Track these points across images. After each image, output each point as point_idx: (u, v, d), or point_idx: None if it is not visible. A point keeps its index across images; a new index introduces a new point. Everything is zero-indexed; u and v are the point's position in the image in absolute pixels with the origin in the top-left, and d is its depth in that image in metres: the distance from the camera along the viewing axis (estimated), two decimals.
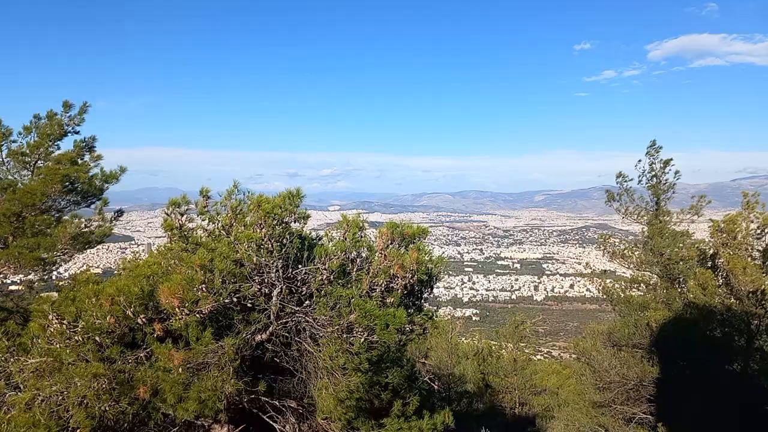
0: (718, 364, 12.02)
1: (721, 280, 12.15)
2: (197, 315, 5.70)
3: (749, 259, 12.00)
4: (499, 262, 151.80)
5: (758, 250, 12.54)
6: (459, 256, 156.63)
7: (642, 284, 15.11)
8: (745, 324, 11.88)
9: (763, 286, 11.21)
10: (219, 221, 6.89)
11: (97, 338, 5.57)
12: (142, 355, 5.83)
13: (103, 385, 5.33)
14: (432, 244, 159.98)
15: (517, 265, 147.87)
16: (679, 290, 13.82)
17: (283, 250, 6.35)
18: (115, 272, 9.63)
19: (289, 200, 6.57)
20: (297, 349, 6.68)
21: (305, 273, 6.56)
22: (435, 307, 7.64)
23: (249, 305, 6.29)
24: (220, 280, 5.71)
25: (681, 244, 13.92)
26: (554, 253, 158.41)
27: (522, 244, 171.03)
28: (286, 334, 6.56)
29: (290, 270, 6.50)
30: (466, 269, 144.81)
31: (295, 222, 6.72)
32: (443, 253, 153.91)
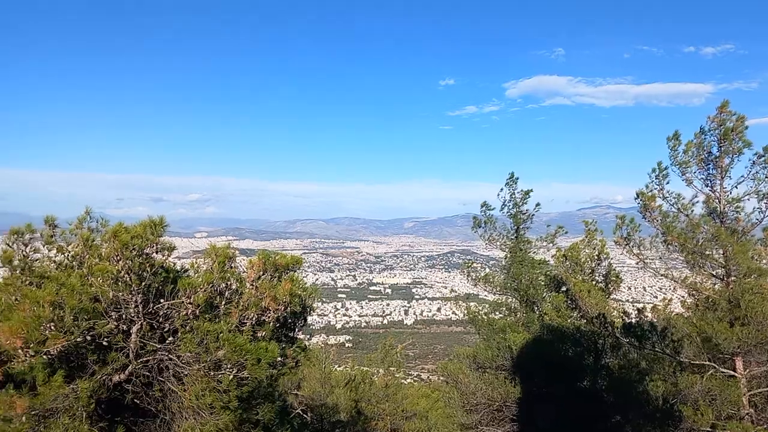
0: (571, 382, 13.02)
1: (571, 304, 13.24)
2: (44, 356, 5.23)
3: (593, 282, 13.23)
4: (372, 288, 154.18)
5: (601, 274, 13.91)
6: (332, 282, 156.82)
7: (504, 308, 16.00)
8: (593, 343, 13.03)
9: (606, 308, 12.38)
10: (69, 252, 6.32)
11: None
12: None
13: None
14: (306, 271, 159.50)
15: (389, 290, 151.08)
16: (537, 313, 14.85)
17: (143, 283, 5.95)
18: None
19: (151, 229, 6.21)
20: (160, 389, 6.33)
21: (168, 308, 6.20)
22: (308, 336, 7.50)
23: (105, 344, 5.85)
24: (72, 317, 5.25)
25: (538, 271, 15.02)
26: (423, 278, 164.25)
27: (393, 269, 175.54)
28: (148, 373, 6.20)
29: (151, 305, 6.14)
30: (340, 295, 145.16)
31: (157, 253, 6.34)
32: (317, 279, 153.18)
